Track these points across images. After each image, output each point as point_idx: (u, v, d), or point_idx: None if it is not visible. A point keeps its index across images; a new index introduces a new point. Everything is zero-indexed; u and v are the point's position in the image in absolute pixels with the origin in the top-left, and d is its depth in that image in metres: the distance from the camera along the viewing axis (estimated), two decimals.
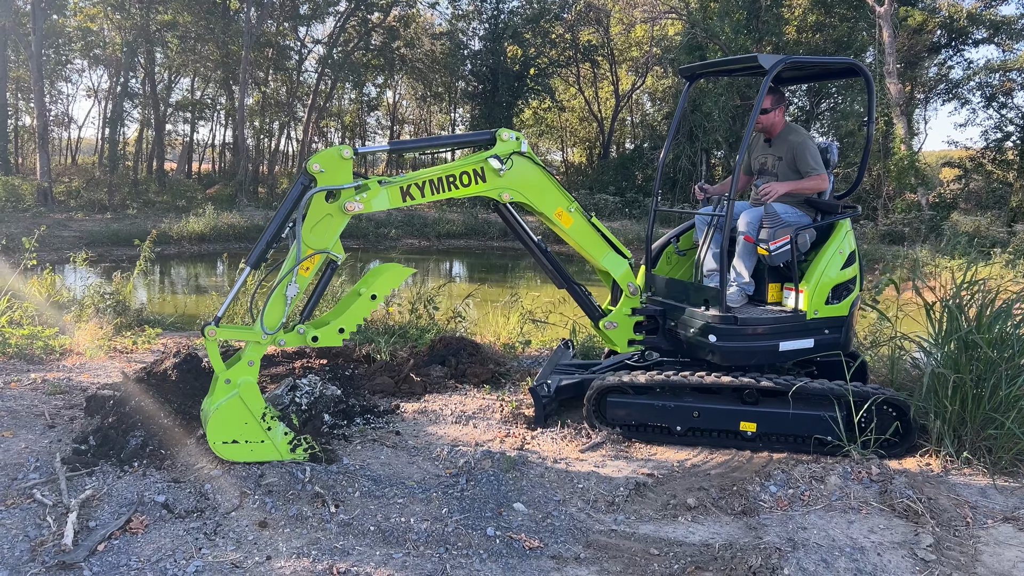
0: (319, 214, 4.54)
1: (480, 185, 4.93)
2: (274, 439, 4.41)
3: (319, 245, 4.56)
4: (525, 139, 5.08)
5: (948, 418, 4.66)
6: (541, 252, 5.45)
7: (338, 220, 4.59)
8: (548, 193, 5.18)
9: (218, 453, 4.31)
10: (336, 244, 4.64)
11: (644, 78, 38.57)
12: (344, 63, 35.92)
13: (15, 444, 4.55)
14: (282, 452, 4.41)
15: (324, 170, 4.52)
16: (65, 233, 20.25)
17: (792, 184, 5.31)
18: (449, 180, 4.84)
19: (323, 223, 4.55)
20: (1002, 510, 4.10)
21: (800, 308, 5.08)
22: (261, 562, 3.44)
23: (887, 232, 22.23)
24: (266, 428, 4.39)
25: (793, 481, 4.34)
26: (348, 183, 4.55)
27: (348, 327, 4.69)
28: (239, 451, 4.34)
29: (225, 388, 4.38)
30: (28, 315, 7.63)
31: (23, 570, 3.27)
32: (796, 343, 5.08)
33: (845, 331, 5.17)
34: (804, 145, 5.35)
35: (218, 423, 4.31)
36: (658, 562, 3.60)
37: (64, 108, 64.59)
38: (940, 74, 33.45)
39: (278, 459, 4.38)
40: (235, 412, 4.34)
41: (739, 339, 5.03)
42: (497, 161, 4.89)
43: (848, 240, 5.20)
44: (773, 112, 5.50)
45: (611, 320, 5.55)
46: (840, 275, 5.13)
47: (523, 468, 4.51)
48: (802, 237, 5.19)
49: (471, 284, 16.38)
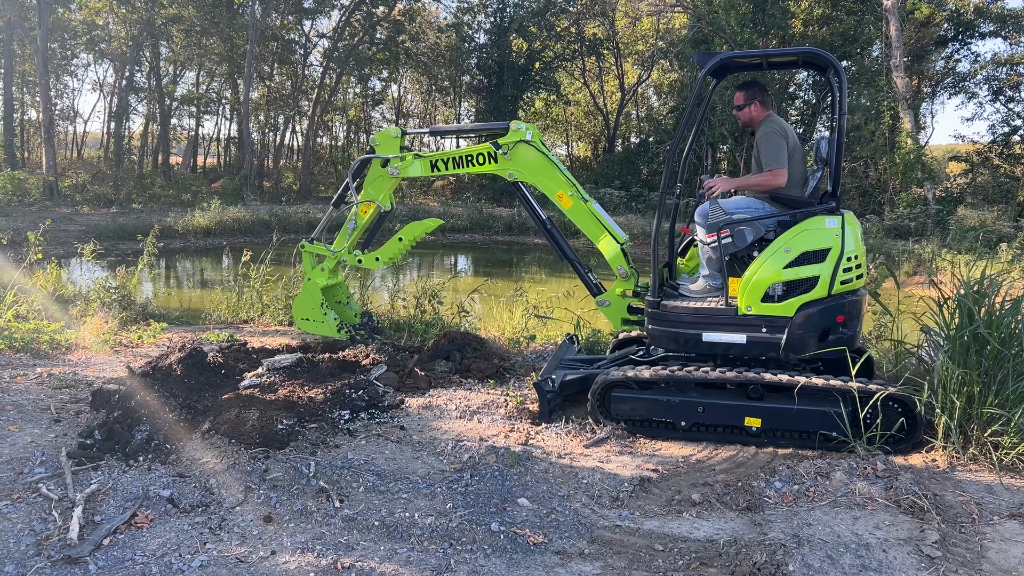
0: (375, 174, 6.48)
1: (492, 165, 6.08)
2: (328, 320, 6.69)
3: (373, 196, 6.49)
4: (533, 130, 5.99)
5: (954, 414, 4.64)
6: (546, 228, 6.21)
7: (387, 181, 6.47)
8: (549, 177, 5.98)
9: (297, 325, 6.92)
10: (385, 198, 6.50)
11: (650, 72, 38.46)
12: (349, 57, 35.88)
13: (21, 438, 4.57)
14: (332, 330, 6.70)
15: (380, 143, 6.44)
16: (71, 227, 20.29)
17: (739, 180, 5.47)
18: (467, 159, 6.14)
19: (377, 181, 6.48)
20: (1008, 507, 4.08)
21: (731, 302, 5.08)
22: (266, 557, 3.44)
23: (893, 226, 22.12)
24: (324, 312, 6.71)
25: (798, 477, 4.33)
26: (394, 154, 6.34)
27: (382, 257, 6.57)
28: (308, 325, 6.79)
29: (306, 284, 6.75)
30: (34, 309, 7.65)
31: (29, 564, 3.29)
32: (723, 336, 5.11)
33: (791, 333, 4.93)
34: (766, 138, 5.34)
35: (298, 305, 6.85)
36: (662, 558, 3.60)
37: (70, 102, 64.88)
38: (947, 68, 33.24)
39: (332, 335, 6.72)
40: (307, 299, 6.75)
41: (663, 324, 5.31)
42: (495, 147, 5.97)
43: (808, 238, 4.94)
44: (748, 107, 5.56)
45: (604, 298, 5.99)
46: (782, 273, 4.93)
47: (527, 463, 4.51)
48: (739, 232, 5.10)
49: (476, 279, 16.38)
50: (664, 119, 36.23)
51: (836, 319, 4.98)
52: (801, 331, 4.96)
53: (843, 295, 5.00)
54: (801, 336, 4.97)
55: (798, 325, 4.95)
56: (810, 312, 4.94)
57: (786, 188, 5.31)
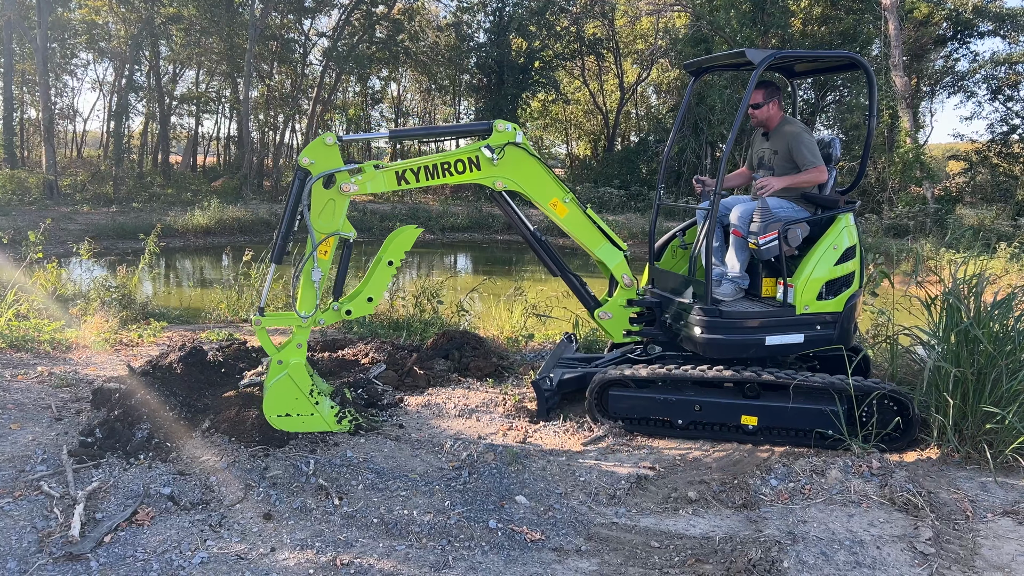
0: (322, 201, 4.88)
1: (475, 173, 5.11)
2: (322, 412, 4.86)
3: (329, 228, 4.93)
4: (522, 131, 5.19)
5: (949, 412, 4.67)
6: (536, 241, 5.60)
7: (340, 203, 4.93)
8: (542, 183, 5.29)
9: (274, 425, 4.74)
10: (344, 224, 5.00)
11: (649, 71, 38.44)
12: (349, 56, 35.85)
13: (22, 436, 4.60)
14: (329, 424, 4.87)
15: (314, 161, 4.85)
16: (71, 226, 20.29)
17: (789, 178, 5.31)
18: (444, 167, 5.05)
19: (327, 208, 4.91)
20: (1002, 504, 4.11)
21: (790, 303, 5.09)
22: (265, 554, 3.47)
23: (892, 225, 22.14)
24: (314, 403, 4.83)
25: (794, 475, 4.36)
26: (340, 167, 4.86)
27: (375, 295, 5.16)
28: (292, 423, 4.78)
29: (277, 368, 4.82)
30: (34, 309, 7.68)
31: (31, 561, 3.32)
32: (784, 338, 5.09)
33: (840, 327, 5.11)
34: (799, 138, 5.31)
35: (272, 399, 4.76)
36: (659, 555, 3.63)
37: (69, 101, 64.84)
38: (946, 67, 33.24)
39: (327, 430, 4.85)
40: (286, 389, 4.78)
41: (724, 332, 5.06)
42: (488, 151, 5.05)
43: (845, 235, 5.12)
44: (766, 106, 5.50)
45: (606, 310, 5.66)
46: (833, 271, 5.07)
47: (525, 461, 4.54)
48: (792, 232, 5.13)
49: (475, 277, 16.40)
50: (664, 118, 36.22)
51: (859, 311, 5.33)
52: (847, 324, 5.16)
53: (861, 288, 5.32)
54: (848, 329, 5.18)
55: (846, 319, 5.14)
56: (852, 305, 5.17)
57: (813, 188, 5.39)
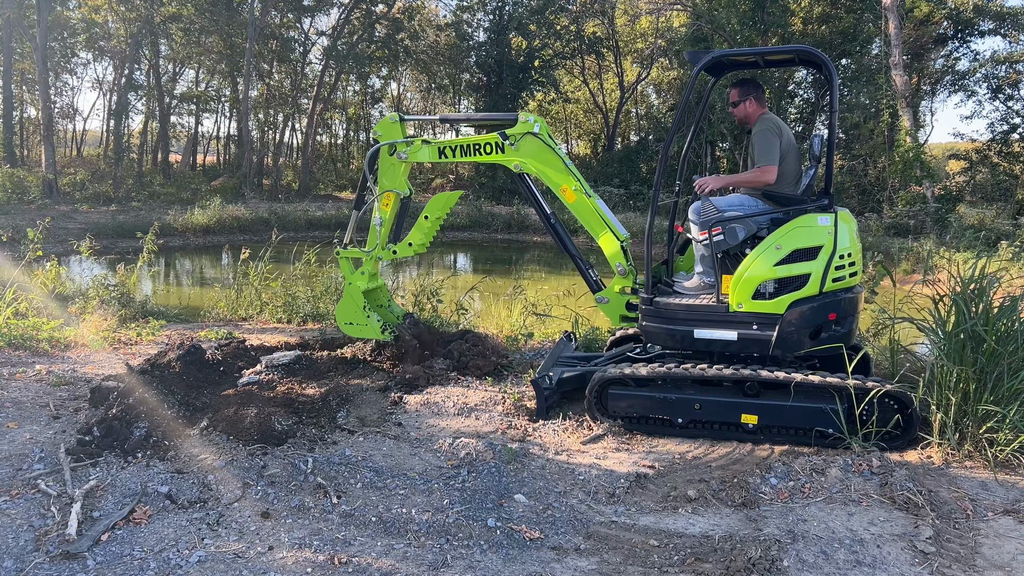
0: (386, 164, 6.45)
1: (499, 155, 6.07)
2: (372, 323, 6.45)
3: (389, 185, 6.45)
4: (542, 123, 6.01)
5: (950, 411, 4.65)
6: (550, 222, 6.17)
7: (398, 166, 6.43)
8: (554, 170, 5.96)
9: (342, 329, 6.62)
10: (402, 184, 6.46)
11: (649, 70, 38.44)
12: (348, 55, 35.85)
13: (20, 435, 4.59)
14: (376, 333, 6.46)
15: (381, 133, 6.42)
16: (70, 225, 20.28)
17: (728, 177, 5.53)
18: (475, 148, 6.12)
19: (389, 170, 6.45)
20: (1002, 503, 4.10)
21: (723, 299, 5.10)
22: (263, 552, 3.46)
23: (892, 224, 22.12)
24: (366, 316, 6.46)
25: (794, 473, 4.35)
26: (398, 139, 6.33)
27: (415, 242, 6.55)
28: (352, 329, 6.55)
29: (347, 289, 6.57)
30: (33, 307, 7.66)
31: (27, 559, 3.30)
32: (715, 333, 5.13)
33: (782, 330, 4.94)
34: (761, 135, 5.35)
35: (341, 310, 6.60)
36: (658, 553, 3.61)
37: (69, 100, 64.84)
38: (946, 66, 33.22)
39: (376, 337, 6.48)
40: (349, 303, 6.54)
41: (656, 320, 5.35)
42: (503, 137, 5.98)
43: (798, 236, 4.95)
44: (743, 104, 5.58)
45: (603, 295, 5.97)
46: (774, 271, 4.94)
47: (524, 460, 4.53)
48: (730, 229, 5.12)
49: (475, 276, 16.39)
50: (664, 117, 36.21)
51: (828, 317, 4.97)
52: (792, 328, 4.96)
53: (836, 293, 4.99)
54: (792, 333, 4.97)
55: (789, 322, 4.95)
56: (801, 309, 4.94)
57: (779, 186, 5.31)
